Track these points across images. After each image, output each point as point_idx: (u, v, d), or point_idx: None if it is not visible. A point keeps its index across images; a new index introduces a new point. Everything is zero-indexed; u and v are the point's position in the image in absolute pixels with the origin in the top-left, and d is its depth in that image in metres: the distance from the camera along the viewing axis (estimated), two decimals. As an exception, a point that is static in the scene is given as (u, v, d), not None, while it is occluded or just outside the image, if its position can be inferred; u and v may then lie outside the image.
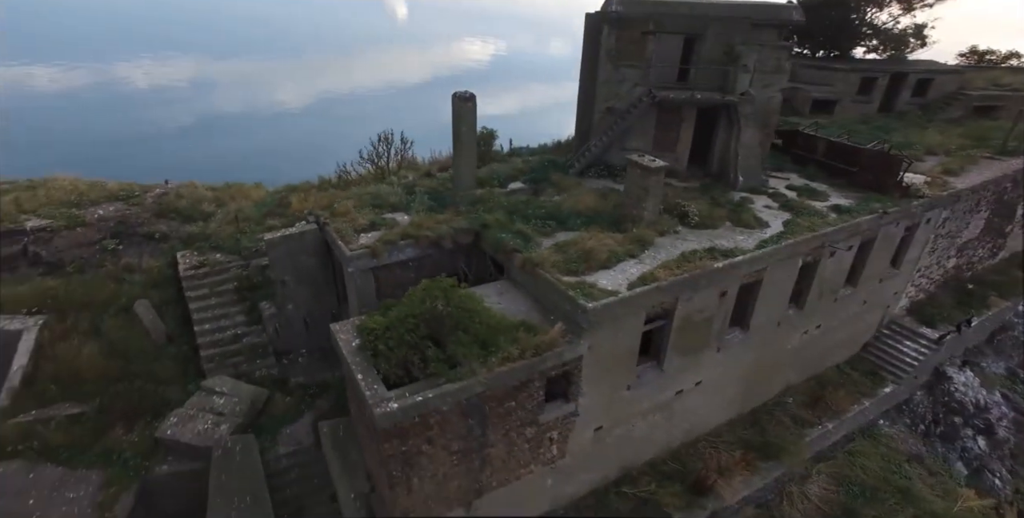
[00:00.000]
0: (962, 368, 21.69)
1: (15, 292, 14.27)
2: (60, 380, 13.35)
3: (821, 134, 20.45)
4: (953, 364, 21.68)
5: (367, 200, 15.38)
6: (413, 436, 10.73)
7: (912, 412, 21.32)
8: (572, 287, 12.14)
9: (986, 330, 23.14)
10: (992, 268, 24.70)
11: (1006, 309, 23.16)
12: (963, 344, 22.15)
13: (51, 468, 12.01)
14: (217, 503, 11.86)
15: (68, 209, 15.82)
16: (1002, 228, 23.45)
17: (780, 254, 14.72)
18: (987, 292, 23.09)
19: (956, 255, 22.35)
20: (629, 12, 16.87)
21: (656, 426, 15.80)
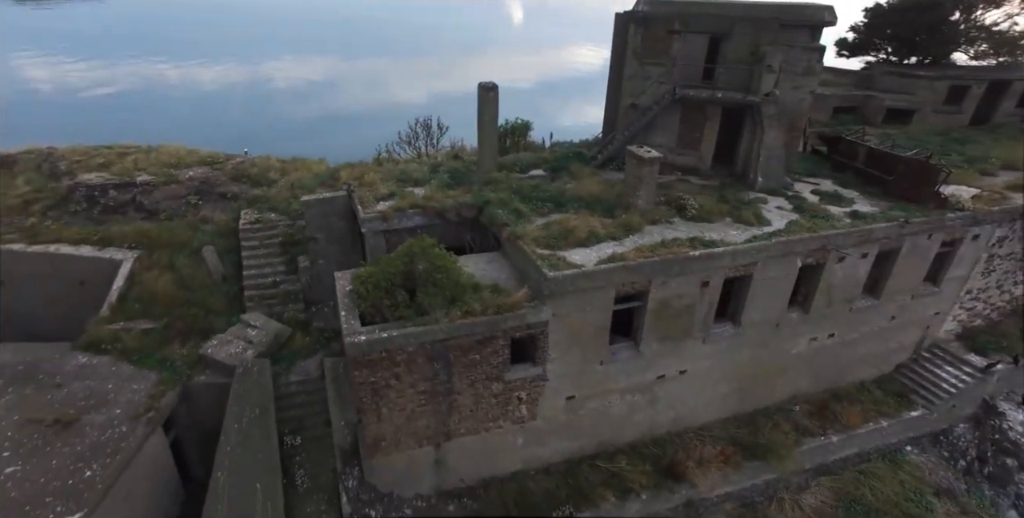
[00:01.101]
0: (1022, 406, 19.83)
1: (122, 231, 17.97)
2: (142, 301, 16.71)
3: (864, 141, 19.78)
4: (1010, 400, 19.87)
5: (395, 174, 17.51)
6: (381, 369, 12.51)
7: (952, 445, 19.85)
8: (543, 258, 13.38)
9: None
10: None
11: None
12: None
13: (126, 365, 15.19)
14: (234, 410, 14.42)
15: (168, 169, 19.52)
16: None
17: (770, 251, 14.89)
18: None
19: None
20: (655, 12, 17.69)
21: (637, 408, 16.45)
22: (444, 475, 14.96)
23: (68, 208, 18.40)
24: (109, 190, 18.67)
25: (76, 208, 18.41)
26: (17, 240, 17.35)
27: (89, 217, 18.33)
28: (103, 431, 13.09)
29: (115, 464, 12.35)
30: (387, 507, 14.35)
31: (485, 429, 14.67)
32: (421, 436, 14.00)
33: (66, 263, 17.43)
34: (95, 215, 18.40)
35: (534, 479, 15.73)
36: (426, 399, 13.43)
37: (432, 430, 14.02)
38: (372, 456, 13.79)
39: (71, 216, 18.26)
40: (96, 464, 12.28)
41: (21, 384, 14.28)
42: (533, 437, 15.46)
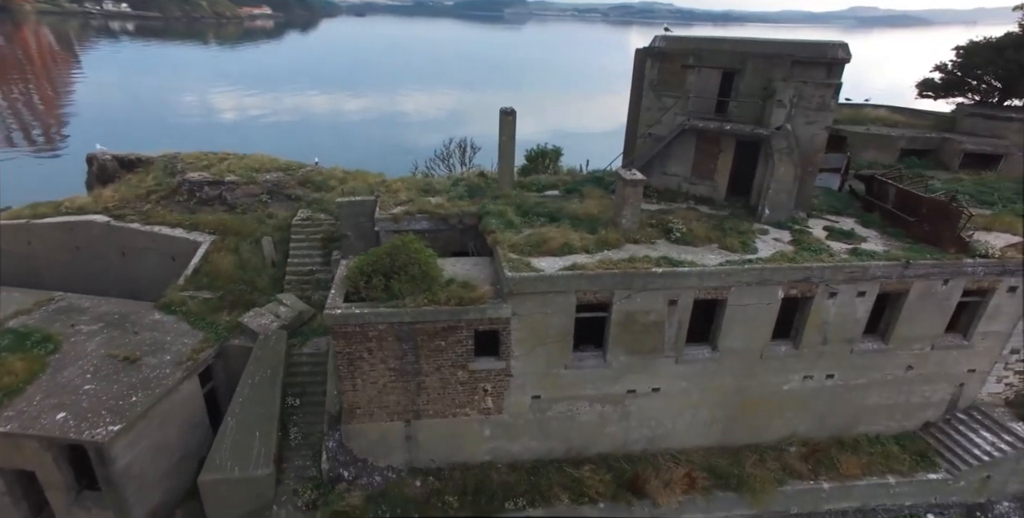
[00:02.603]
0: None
1: (206, 219, 22.14)
2: (209, 275, 20.42)
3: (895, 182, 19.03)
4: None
5: (420, 185, 19.96)
6: (355, 342, 14.59)
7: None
8: (511, 261, 14.88)
9: None
10: None
11: None
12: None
13: (185, 324, 18.70)
14: (250, 369, 17.25)
15: (251, 172, 23.65)
16: None
17: (742, 276, 15.12)
18: None
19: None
20: (670, 47, 18.82)
21: (608, 420, 17.00)
22: (415, 452, 16.55)
23: (175, 198, 23.00)
24: (205, 186, 23.06)
25: (180, 199, 22.96)
26: (135, 221, 22.00)
27: (187, 207, 22.75)
28: (153, 370, 16.35)
29: (153, 396, 15.41)
30: (360, 471, 16.20)
31: (453, 414, 16.12)
32: (392, 410, 15.79)
33: (165, 241, 21.74)
34: (191, 205, 22.80)
35: (499, 472, 16.78)
36: (396, 376, 15.25)
37: (402, 406, 15.76)
38: (349, 422, 15.80)
39: (175, 205, 22.79)
40: (141, 393, 15.44)
41: (112, 328, 18.15)
42: (501, 431, 16.61)
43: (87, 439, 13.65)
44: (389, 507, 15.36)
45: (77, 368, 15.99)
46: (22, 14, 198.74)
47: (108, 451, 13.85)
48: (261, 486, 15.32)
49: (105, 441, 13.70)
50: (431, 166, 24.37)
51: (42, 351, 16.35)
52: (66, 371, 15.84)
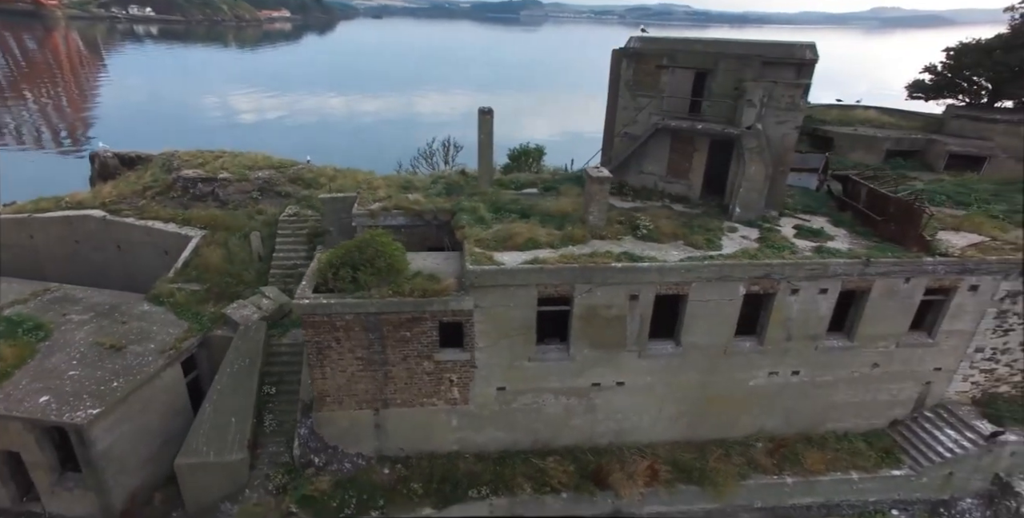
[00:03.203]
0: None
1: (198, 214, 22.93)
2: (198, 268, 21.15)
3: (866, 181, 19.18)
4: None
5: (401, 183, 20.52)
6: (324, 331, 15.15)
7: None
8: (474, 255, 15.35)
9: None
10: None
11: None
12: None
13: (171, 315, 19.42)
14: (230, 358, 17.91)
15: (244, 170, 24.42)
16: None
17: (702, 272, 15.43)
18: None
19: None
20: (645, 48, 19.19)
21: (574, 412, 17.37)
22: (384, 440, 17.07)
23: (169, 195, 23.83)
24: (198, 183, 23.88)
25: (174, 195, 23.78)
26: (130, 215, 22.87)
27: (181, 203, 23.56)
28: (137, 358, 17.06)
29: (134, 382, 16.11)
30: (330, 457, 16.77)
31: (420, 404, 16.62)
32: (361, 399, 16.33)
33: (158, 235, 22.56)
34: (185, 201, 23.60)
35: (466, 461, 17.24)
36: (364, 365, 15.79)
37: (371, 395, 16.29)
38: (319, 409, 16.38)
39: (170, 201, 23.62)
40: (123, 379, 16.15)
41: (102, 318, 18.93)
42: (467, 421, 17.07)
43: (67, 421, 14.38)
44: (356, 492, 15.89)
45: (64, 355, 16.77)
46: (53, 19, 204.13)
47: (87, 433, 14.56)
48: (235, 470, 15.96)
49: (84, 423, 14.41)
50: (416, 165, 25.07)
51: (33, 338, 17.16)
52: (54, 357, 16.63)
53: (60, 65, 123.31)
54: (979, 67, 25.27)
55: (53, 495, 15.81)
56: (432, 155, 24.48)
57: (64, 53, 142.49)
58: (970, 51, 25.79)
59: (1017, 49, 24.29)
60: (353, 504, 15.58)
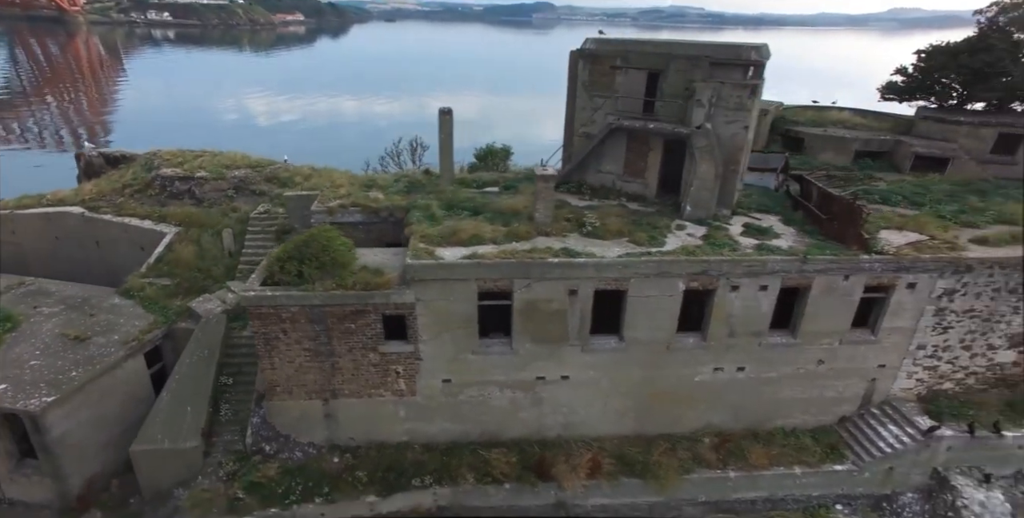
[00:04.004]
0: (983, 484, 17.41)
1: (174, 212, 23.67)
2: (169, 263, 21.83)
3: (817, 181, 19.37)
4: (969, 476, 17.56)
5: (364, 181, 21.07)
6: (271, 323, 15.71)
7: (896, 514, 18.05)
8: (416, 250, 15.82)
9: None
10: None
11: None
12: (993, 456, 17.74)
13: (139, 308, 20.05)
14: (190, 349, 18.53)
15: (221, 169, 25.15)
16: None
17: (639, 268, 15.76)
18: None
19: (1018, 350, 18.08)
20: (600, 49, 19.58)
21: (520, 406, 17.76)
22: (335, 430, 17.58)
23: (147, 192, 24.62)
24: (176, 181, 24.65)
25: (152, 193, 24.57)
26: (108, 212, 23.68)
27: (158, 200, 24.33)
28: (99, 349, 17.71)
29: (92, 372, 16.72)
30: (281, 446, 17.32)
31: (368, 395, 17.11)
32: (310, 389, 16.86)
33: (135, 232, 23.32)
34: (162, 199, 24.37)
35: (414, 451, 17.71)
36: (311, 356, 16.32)
37: (319, 385, 16.82)
38: (270, 399, 16.94)
39: (147, 198, 24.40)
40: (81, 369, 16.80)
41: (72, 311, 19.66)
42: (415, 412, 17.53)
43: (20, 408, 15.04)
44: (303, 480, 16.42)
45: (29, 345, 17.48)
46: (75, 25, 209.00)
47: (41, 420, 15.20)
48: (189, 457, 16.54)
49: (38, 411, 15.06)
50: (384, 164, 25.67)
51: (0, 329, 17.91)
52: (18, 347, 17.34)
53: (81, 69, 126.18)
54: (946, 69, 25.27)
55: (12, 481, 16.49)
56: (399, 155, 25.08)
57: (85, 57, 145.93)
58: (939, 53, 25.78)
59: (980, 52, 24.32)
60: (299, 491, 16.10)
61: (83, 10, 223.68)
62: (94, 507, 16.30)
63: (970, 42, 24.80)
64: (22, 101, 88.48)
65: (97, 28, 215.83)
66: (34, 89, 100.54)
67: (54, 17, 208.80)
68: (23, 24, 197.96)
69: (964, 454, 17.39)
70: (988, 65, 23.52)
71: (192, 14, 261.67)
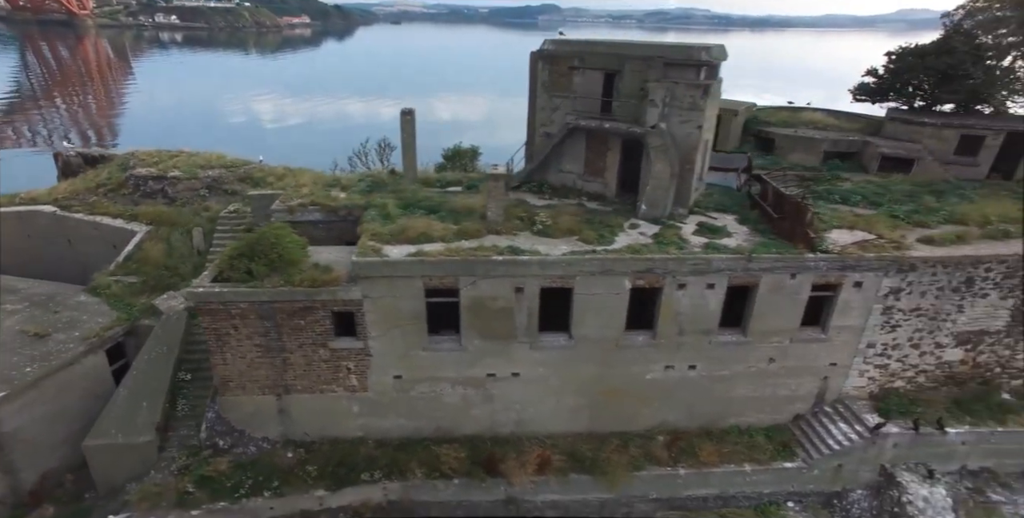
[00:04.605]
0: (927, 480, 17.44)
1: (146, 211, 24.02)
2: (138, 262, 22.18)
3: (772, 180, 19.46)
4: (915, 472, 17.59)
5: (328, 181, 21.34)
6: (220, 319, 15.96)
7: (845, 511, 18.10)
8: (363, 248, 16.05)
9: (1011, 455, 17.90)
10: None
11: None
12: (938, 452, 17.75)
13: (105, 306, 20.39)
14: (149, 345, 18.83)
15: (195, 169, 25.51)
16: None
17: (584, 266, 15.90)
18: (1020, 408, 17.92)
19: (965, 348, 18.12)
20: (558, 50, 19.77)
21: (472, 402, 17.93)
22: (289, 425, 17.81)
23: (121, 192, 25.01)
24: (149, 181, 25.02)
25: (125, 192, 24.96)
26: (81, 211, 24.07)
27: (131, 199, 24.70)
28: (58, 345, 17.98)
29: (47, 368, 16.99)
30: (236, 440, 17.56)
31: (321, 390, 17.33)
32: (263, 384, 17.09)
33: (107, 230, 23.67)
34: (135, 198, 24.74)
35: (367, 446, 17.89)
36: (263, 352, 16.56)
37: (271, 381, 17.05)
38: (223, 394, 17.19)
39: (120, 197, 24.78)
40: (36, 365, 17.09)
41: (36, 308, 19.98)
42: (368, 408, 17.73)
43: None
44: (253, 474, 16.64)
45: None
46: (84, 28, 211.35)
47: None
48: (143, 452, 16.79)
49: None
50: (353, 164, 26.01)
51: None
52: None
53: (90, 72, 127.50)
54: (914, 71, 25.30)
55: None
56: (366, 155, 25.43)
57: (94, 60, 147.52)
58: (908, 55, 25.81)
59: (944, 55, 24.39)
60: (248, 485, 16.31)
61: (92, 14, 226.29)
62: (47, 502, 16.55)
63: (936, 44, 24.85)
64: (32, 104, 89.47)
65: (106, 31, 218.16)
66: (44, 92, 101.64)
67: (64, 21, 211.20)
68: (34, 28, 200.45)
69: (910, 451, 17.44)
70: (951, 67, 23.60)
71: (199, 17, 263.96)
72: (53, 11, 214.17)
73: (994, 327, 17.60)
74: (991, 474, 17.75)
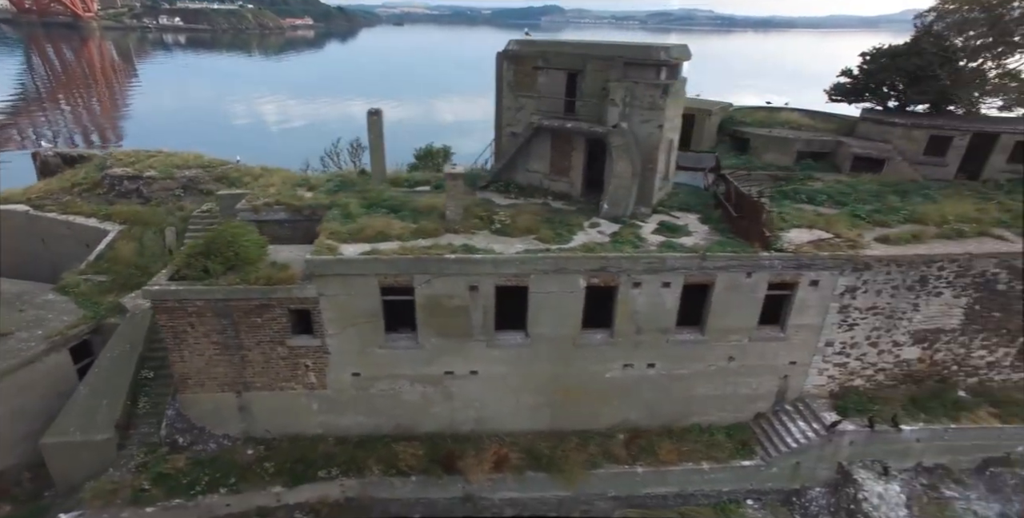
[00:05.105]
0: (882, 476, 17.42)
1: (119, 210, 24.23)
2: (109, 261, 22.38)
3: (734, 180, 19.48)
4: (870, 469, 17.58)
5: (297, 181, 21.48)
6: (177, 317, 16.08)
7: (804, 508, 18.10)
8: (319, 246, 16.15)
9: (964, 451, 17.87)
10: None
11: (1002, 433, 17.50)
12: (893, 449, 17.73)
13: (72, 304, 20.57)
14: (113, 343, 18.98)
15: (171, 169, 25.71)
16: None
17: (537, 264, 15.96)
18: (977, 406, 17.88)
19: (921, 346, 18.09)
20: (522, 50, 19.86)
21: (432, 400, 18.01)
22: (250, 423, 17.92)
23: (96, 191, 25.23)
24: (124, 180, 25.22)
25: (100, 191, 25.17)
26: (54, 210, 24.28)
27: (106, 199, 24.92)
28: (20, 343, 18.12)
29: (7, 366, 17.13)
30: (196, 437, 17.68)
31: (280, 388, 17.43)
32: (222, 382, 17.21)
33: (80, 230, 23.89)
34: (110, 198, 24.95)
35: (327, 443, 18.00)
36: (220, 349, 16.68)
37: (230, 378, 17.16)
38: (182, 391, 17.31)
39: (95, 197, 24.99)
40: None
41: (1, 306, 20.16)
42: (328, 405, 17.82)
43: (-74, 400, 15.51)
44: (211, 471, 16.74)
45: (-50, 338, 18.00)
46: (89, 30, 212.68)
47: (-50, 411, 15.67)
48: (102, 450, 16.85)
49: (-53, 401, 15.54)
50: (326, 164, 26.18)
51: (-74, 323, 18.45)
52: (-62, 341, 17.87)
53: (94, 74, 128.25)
54: (886, 72, 25.29)
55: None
56: (338, 155, 25.63)
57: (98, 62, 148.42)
58: (881, 56, 25.80)
59: (914, 56, 24.38)
60: (205, 482, 16.42)
61: (97, 16, 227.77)
62: (4, 500, 16.70)
63: (907, 46, 24.85)
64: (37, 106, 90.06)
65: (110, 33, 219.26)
66: (49, 94, 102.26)
67: (68, 23, 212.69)
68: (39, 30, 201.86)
69: (866, 448, 17.46)
70: (920, 69, 23.62)
71: (202, 19, 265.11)
72: (58, 14, 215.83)
73: (949, 325, 17.59)
74: (946, 470, 17.75)
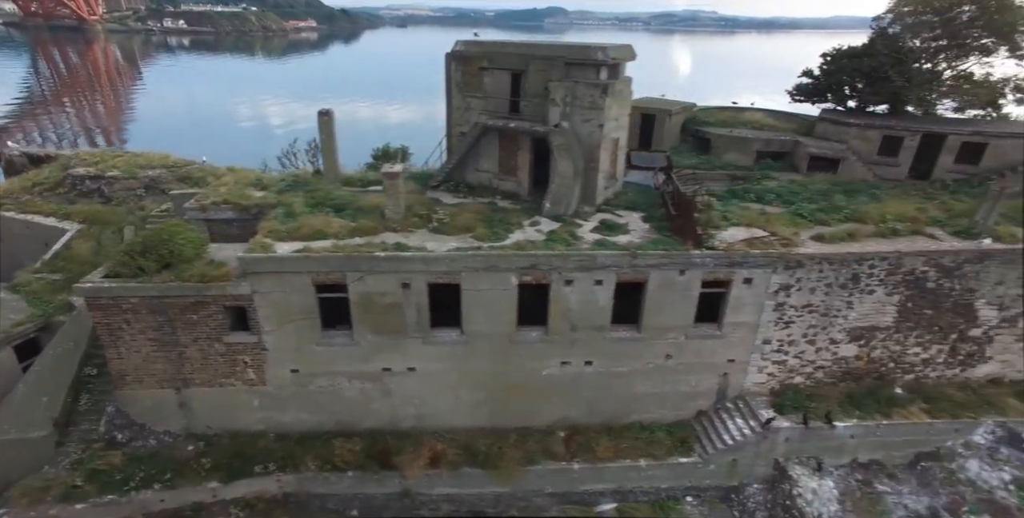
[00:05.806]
0: (817, 472, 17.44)
1: (80, 209, 24.53)
2: (65, 259, 22.63)
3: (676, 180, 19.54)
4: (806, 465, 17.59)
5: (252, 181, 21.69)
6: (112, 314, 16.27)
7: (742, 505, 18.13)
8: (253, 244, 16.32)
9: (897, 447, 17.87)
10: (961, 381, 18.63)
11: (931, 429, 17.50)
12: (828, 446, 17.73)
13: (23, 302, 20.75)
14: (55, 341, 19.16)
15: (135, 169, 26.00)
16: (954, 327, 17.84)
17: (467, 262, 16.07)
18: (911, 402, 17.87)
19: (858, 344, 18.09)
20: (469, 51, 20.01)
21: (371, 396, 18.14)
22: (192, 419, 18.09)
23: (57, 191, 25.54)
24: (86, 180, 25.52)
25: (61, 191, 25.48)
26: (13, 209, 24.58)
27: (67, 198, 25.23)
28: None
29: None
30: (135, 434, 17.85)
31: (220, 384, 17.60)
32: (160, 378, 17.38)
33: (38, 229, 24.17)
34: (71, 197, 25.26)
35: (267, 440, 18.14)
36: (157, 346, 16.86)
37: (169, 375, 17.34)
38: (120, 388, 17.50)
39: (56, 196, 25.31)
40: (-62, 360, 17.50)
41: (-49, 304, 20.42)
42: (268, 402, 17.98)
43: None
44: (147, 467, 16.91)
45: None
46: (94, 33, 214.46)
47: None
48: (38, 447, 16.99)
49: None
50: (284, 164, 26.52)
51: None
52: None
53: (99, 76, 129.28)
54: (843, 72, 25.34)
55: None
56: (295, 155, 25.94)
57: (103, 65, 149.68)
58: (841, 57, 25.82)
59: (868, 57, 24.43)
60: (140, 478, 16.58)
61: (101, 19, 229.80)
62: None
63: (864, 47, 24.90)
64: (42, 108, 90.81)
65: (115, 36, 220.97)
66: (54, 96, 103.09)
67: (74, 26, 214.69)
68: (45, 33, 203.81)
69: (801, 445, 17.50)
70: (874, 70, 23.67)
71: (206, 22, 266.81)
72: (64, 17, 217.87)
73: (883, 323, 17.59)
74: (880, 466, 17.75)
